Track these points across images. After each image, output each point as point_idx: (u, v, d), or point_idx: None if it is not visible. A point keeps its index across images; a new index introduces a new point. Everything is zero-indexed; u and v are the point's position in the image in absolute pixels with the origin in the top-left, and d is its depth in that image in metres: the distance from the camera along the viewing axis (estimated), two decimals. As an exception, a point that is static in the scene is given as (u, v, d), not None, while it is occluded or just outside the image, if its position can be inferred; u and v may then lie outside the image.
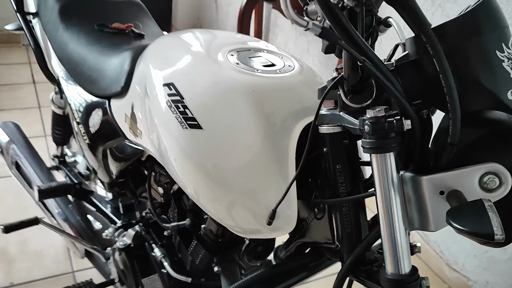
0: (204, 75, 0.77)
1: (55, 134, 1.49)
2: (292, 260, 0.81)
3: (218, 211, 0.75)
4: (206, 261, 0.95)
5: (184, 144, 0.72)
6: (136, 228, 1.12)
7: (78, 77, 1.19)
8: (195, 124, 0.72)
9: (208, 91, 0.74)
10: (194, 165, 0.72)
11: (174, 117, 0.74)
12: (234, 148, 0.70)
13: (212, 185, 0.72)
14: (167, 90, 0.78)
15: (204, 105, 0.73)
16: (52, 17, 1.28)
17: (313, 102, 0.77)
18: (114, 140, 1.04)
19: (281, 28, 2.86)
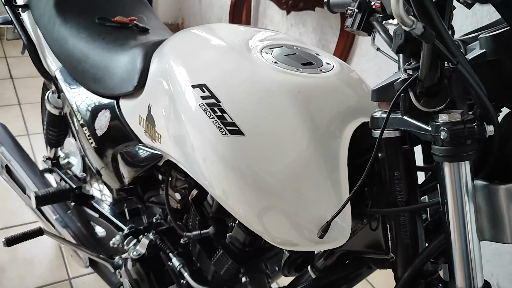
0: (241, 76, 0.70)
1: (49, 135, 1.39)
2: (334, 272, 0.76)
3: (256, 221, 0.69)
4: (232, 272, 0.89)
5: (224, 152, 0.66)
6: (149, 237, 1.05)
7: (80, 75, 1.10)
8: (236, 130, 0.65)
9: (248, 93, 0.68)
10: (234, 173, 0.66)
11: (211, 122, 0.67)
12: (280, 155, 0.64)
13: (254, 194, 0.66)
14: (199, 92, 0.71)
15: (245, 109, 0.67)
16: (46, 10, 1.19)
17: (359, 103, 0.72)
18: (126, 144, 0.97)
19: (271, 19, 2.79)
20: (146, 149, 0.92)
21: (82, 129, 1.08)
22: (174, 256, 1.01)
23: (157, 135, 0.85)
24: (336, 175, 0.64)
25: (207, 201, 0.92)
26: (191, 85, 0.73)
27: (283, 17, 2.68)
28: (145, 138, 0.90)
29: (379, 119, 0.62)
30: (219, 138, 0.66)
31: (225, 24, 0.95)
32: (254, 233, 0.83)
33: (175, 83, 0.77)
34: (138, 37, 1.12)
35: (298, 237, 0.67)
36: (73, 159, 1.60)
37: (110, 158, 1.02)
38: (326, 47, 2.38)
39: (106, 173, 1.07)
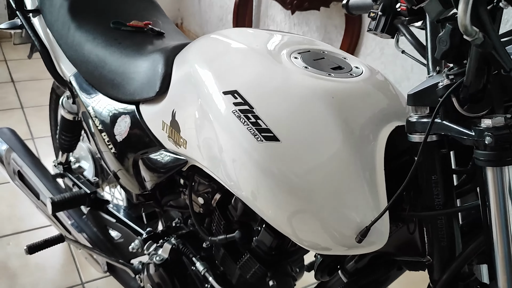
0: (273, 81, 0.70)
1: (62, 140, 1.38)
2: (365, 275, 0.77)
3: (289, 225, 0.69)
4: (259, 275, 0.89)
5: (260, 158, 0.66)
6: (171, 241, 1.05)
7: (96, 81, 1.10)
8: (271, 136, 0.65)
9: (282, 99, 0.68)
10: (269, 178, 0.66)
11: (246, 128, 0.67)
12: (317, 160, 0.64)
13: (289, 199, 0.66)
14: (231, 98, 0.71)
15: (279, 115, 0.67)
16: (60, 15, 1.18)
17: (390, 106, 0.73)
18: (148, 149, 0.97)
19: (272, 18, 2.79)
20: (170, 155, 0.92)
21: (101, 135, 1.08)
22: (197, 260, 1.01)
23: (182, 141, 0.85)
24: (373, 179, 0.64)
25: (231, 205, 0.92)
26: (222, 92, 0.72)
27: (285, 17, 2.68)
28: (169, 144, 0.90)
29: (416, 123, 0.62)
30: (254, 144, 0.66)
31: (246, 28, 0.95)
32: (281, 236, 0.84)
33: (203, 89, 0.77)
34: (155, 42, 1.12)
35: (333, 241, 0.67)
36: (84, 164, 1.60)
37: (131, 164, 1.02)
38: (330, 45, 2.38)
39: (126, 179, 1.06)
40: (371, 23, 0.87)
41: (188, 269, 1.03)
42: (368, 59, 2.18)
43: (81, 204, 1.29)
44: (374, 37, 2.17)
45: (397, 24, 0.83)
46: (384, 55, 2.09)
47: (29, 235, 1.80)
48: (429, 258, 0.66)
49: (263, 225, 0.85)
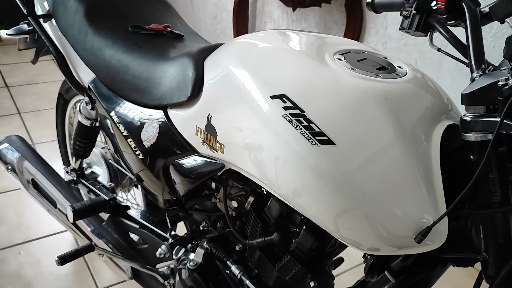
0: (323, 84, 0.70)
1: (77, 146, 1.36)
2: (413, 274, 0.77)
3: (340, 227, 0.69)
4: (299, 277, 0.89)
5: (315, 162, 0.66)
6: (204, 246, 1.04)
7: (119, 86, 1.08)
8: (325, 140, 0.65)
9: (334, 102, 0.68)
10: (324, 181, 0.66)
11: (299, 132, 0.67)
12: (373, 162, 0.65)
13: (344, 201, 0.66)
14: (279, 103, 0.70)
15: (332, 118, 0.67)
16: (76, 20, 1.16)
17: (439, 106, 0.73)
18: (179, 154, 0.96)
19: (270, 15, 2.78)
20: (204, 160, 0.91)
21: (126, 141, 1.06)
22: (232, 264, 1.00)
23: (219, 145, 0.85)
24: (430, 179, 0.64)
25: (267, 208, 0.91)
26: (269, 96, 0.72)
27: (283, 13, 2.68)
28: (203, 148, 0.89)
29: (471, 122, 0.62)
30: (309, 149, 0.66)
31: (278, 30, 0.94)
32: (321, 238, 0.84)
33: (247, 94, 0.76)
34: (176, 45, 1.11)
35: (383, 241, 0.67)
36: (97, 169, 1.58)
37: (161, 169, 1.01)
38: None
39: (154, 184, 1.05)
40: (403, 21, 0.87)
41: (222, 273, 1.02)
42: (371, 54, 2.19)
43: (101, 210, 1.27)
44: (376, 31, 2.18)
45: (432, 22, 0.83)
46: (387, 49, 2.11)
47: (39, 243, 1.77)
48: (485, 255, 0.67)
49: (303, 227, 0.85)
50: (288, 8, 2.61)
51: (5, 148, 1.49)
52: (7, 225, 1.83)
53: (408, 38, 1.99)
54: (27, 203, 1.95)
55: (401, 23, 0.87)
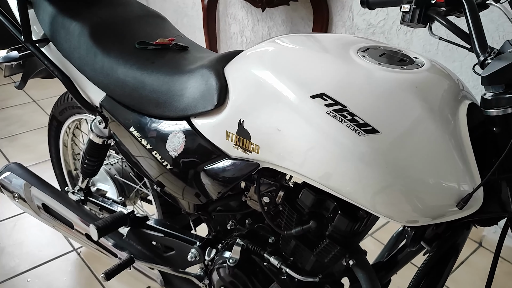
0: (358, 80, 0.78)
1: (86, 165, 1.38)
2: (446, 240, 0.87)
3: (385, 205, 0.77)
4: (338, 258, 0.97)
5: (364, 150, 0.74)
6: (239, 243, 1.10)
7: (136, 102, 1.12)
8: (370, 129, 0.74)
9: (372, 95, 0.76)
10: (372, 167, 0.74)
11: (345, 126, 0.75)
12: (413, 142, 0.73)
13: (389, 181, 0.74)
14: (320, 101, 0.78)
15: (372, 109, 0.75)
16: (82, 42, 1.18)
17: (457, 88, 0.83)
18: (210, 161, 1.01)
19: (233, 17, 2.85)
20: (238, 162, 0.97)
21: (151, 154, 1.11)
22: (269, 255, 1.07)
23: (254, 146, 0.91)
24: (463, 151, 0.74)
25: (300, 199, 0.99)
26: (309, 96, 0.79)
27: (247, 14, 2.75)
28: (235, 152, 0.96)
29: (492, 100, 0.73)
30: (357, 139, 0.74)
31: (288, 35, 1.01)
32: (355, 219, 0.93)
33: (283, 97, 0.83)
34: (185, 57, 1.16)
35: (420, 213, 0.76)
36: (102, 186, 1.59)
37: (191, 177, 1.06)
38: (299, 37, 2.48)
39: (187, 192, 1.10)
40: (404, 16, 0.96)
41: (259, 266, 1.09)
42: (340, 45, 2.30)
43: (122, 225, 1.30)
44: (343, 24, 2.30)
45: (432, 14, 0.93)
46: (356, 40, 2.22)
47: (45, 268, 1.76)
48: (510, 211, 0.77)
49: (338, 212, 0.93)
50: (252, 8, 2.68)
51: (7, 176, 1.48)
52: (9, 256, 1.81)
53: (375, 27, 2.12)
54: (24, 230, 1.93)
55: (402, 17, 0.97)
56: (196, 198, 1.09)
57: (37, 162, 2.37)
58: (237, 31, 2.88)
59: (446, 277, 0.85)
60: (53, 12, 1.24)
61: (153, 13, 1.33)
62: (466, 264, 1.86)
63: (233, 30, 2.90)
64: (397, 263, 1.03)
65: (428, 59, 0.86)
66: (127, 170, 1.58)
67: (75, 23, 1.20)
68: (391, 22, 2.05)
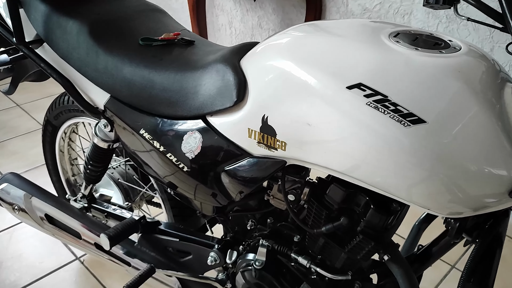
0: (397, 66, 0.73)
1: (90, 171, 1.31)
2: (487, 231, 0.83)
3: (430, 198, 0.73)
4: (371, 253, 0.93)
5: (411, 142, 0.69)
6: (264, 244, 1.06)
7: (145, 102, 1.05)
8: (416, 119, 0.69)
9: (412, 82, 0.71)
10: (419, 159, 0.70)
11: (388, 117, 0.70)
12: (463, 130, 0.69)
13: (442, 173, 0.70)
14: (358, 92, 0.73)
15: (416, 97, 0.70)
16: (80, 42, 1.11)
17: (496, 71, 0.79)
18: (231, 161, 0.96)
19: (221, 8, 2.77)
20: (262, 160, 0.92)
21: (165, 156, 1.04)
22: (297, 255, 1.03)
23: (280, 143, 0.86)
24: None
25: (328, 195, 0.94)
26: (345, 87, 0.74)
27: (235, 4, 2.68)
28: (259, 150, 0.90)
29: None
30: (402, 131, 0.70)
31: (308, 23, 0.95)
32: (389, 213, 0.89)
33: (315, 89, 0.77)
34: (194, 52, 1.09)
35: (476, 202, 0.72)
36: (106, 191, 1.53)
37: (211, 179, 1.00)
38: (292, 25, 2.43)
39: (204, 194, 1.04)
40: (428, -3, 0.92)
41: (286, 266, 1.05)
42: (335, 32, 2.26)
43: (134, 231, 1.24)
44: (337, 10, 2.25)
45: None
46: (351, 25, 2.18)
47: (49, 279, 1.69)
48: None
49: (371, 206, 0.89)
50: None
51: (4, 188, 1.40)
52: (8, 270, 1.73)
53: (371, 11, 2.08)
54: (21, 241, 1.85)
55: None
56: (216, 200, 1.04)
57: (28, 169, 2.27)
58: (225, 23, 2.80)
59: (496, 270, 0.81)
60: (47, 11, 1.16)
61: (152, 6, 1.26)
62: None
63: (221, 21, 2.82)
64: (431, 255, 0.99)
65: (462, 42, 0.82)
66: (131, 173, 1.51)
67: (72, 21, 1.12)
68: (387, 5, 2.01)
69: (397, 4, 1.96)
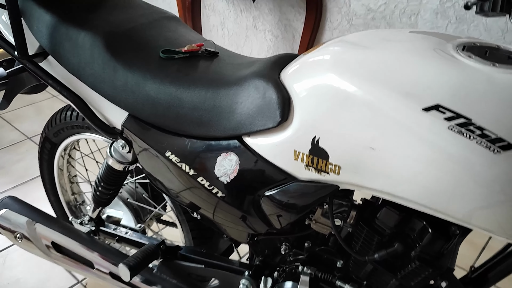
0: (478, 85, 0.66)
1: (101, 193, 1.20)
2: None
3: (490, 222, 0.67)
4: (428, 280, 0.87)
5: (500, 170, 0.63)
6: (306, 272, 0.98)
7: (172, 122, 0.96)
8: (506, 145, 0.62)
9: (499, 103, 0.65)
10: (503, 187, 0.64)
11: (475, 143, 0.63)
12: None
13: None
14: (437, 114, 0.66)
15: (504, 120, 0.64)
16: (95, 56, 1.00)
17: None
18: (273, 185, 0.88)
19: (212, 8, 2.67)
20: (310, 184, 0.84)
21: (197, 181, 0.95)
22: (343, 283, 0.96)
23: (332, 167, 0.79)
24: None
25: (379, 219, 0.88)
26: (421, 109, 0.67)
27: (228, 4, 2.58)
28: (307, 173, 0.83)
29: None
30: (491, 157, 0.63)
31: (359, 33, 0.88)
32: (448, 237, 0.83)
33: (384, 111, 0.70)
34: (221, 65, 1.00)
35: None
36: (114, 213, 1.42)
37: (249, 204, 0.92)
38: (290, 26, 2.35)
39: (240, 221, 0.96)
40: (484, 4, 0.86)
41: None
42: (336, 33, 2.20)
43: (154, 258, 1.14)
44: (339, 10, 2.18)
45: None
46: (354, 26, 2.12)
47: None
48: None
49: (428, 230, 0.83)
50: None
51: (3, 214, 1.27)
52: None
53: (375, 12, 2.02)
54: (16, 265, 1.72)
55: (480, 7, 0.86)
56: (253, 227, 0.96)
57: (15, 185, 2.13)
58: (217, 23, 2.70)
59: None
60: (53, 21, 1.05)
61: (167, 14, 1.16)
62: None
63: (213, 22, 2.72)
64: (486, 280, 0.94)
65: None
66: (141, 192, 1.41)
67: (84, 33, 1.01)
68: (392, 5, 1.95)
69: (403, 4, 1.91)
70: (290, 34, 2.37)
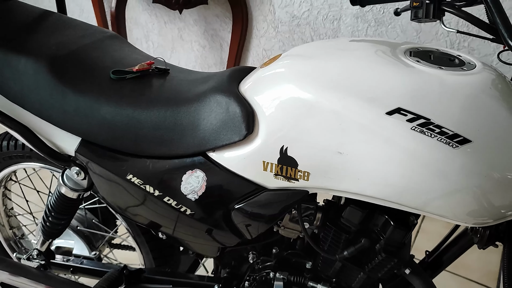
0: (431, 87, 0.73)
1: (52, 224, 1.13)
2: None
3: (463, 213, 0.75)
4: (394, 268, 0.94)
5: (460, 163, 0.69)
6: (279, 277, 1.00)
7: (131, 143, 0.94)
8: (462, 140, 0.70)
9: (450, 102, 0.71)
10: (472, 178, 0.70)
11: (436, 140, 0.70)
12: (504, 143, 0.71)
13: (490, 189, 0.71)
14: (399, 117, 0.71)
15: (458, 117, 0.71)
16: (40, 82, 0.95)
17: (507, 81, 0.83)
18: (242, 197, 0.89)
19: (135, 21, 2.61)
20: (280, 193, 0.87)
21: (163, 201, 0.94)
22: (315, 283, 1.00)
23: (302, 174, 0.82)
24: None
25: (344, 217, 0.93)
26: (384, 113, 0.72)
27: (151, 16, 2.54)
28: (276, 182, 0.85)
29: None
30: (451, 152, 0.69)
31: (314, 43, 0.92)
32: (408, 228, 0.90)
33: (350, 117, 0.74)
34: (175, 82, 1.00)
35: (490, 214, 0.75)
36: (63, 243, 1.35)
37: (220, 219, 0.93)
38: (216, 36, 2.37)
39: (210, 237, 0.96)
40: (418, 11, 0.94)
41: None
42: (263, 40, 2.25)
43: (118, 285, 1.11)
44: (265, 19, 2.24)
45: (446, 8, 0.92)
46: (280, 33, 2.19)
47: None
48: None
49: (391, 224, 0.89)
50: (157, 10, 2.49)
51: None
52: None
53: (299, 18, 2.10)
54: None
55: (414, 14, 0.94)
56: (223, 241, 0.96)
57: None
58: (140, 36, 2.65)
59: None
60: (-14, 48, 0.98)
61: (110, 34, 1.13)
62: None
63: (136, 35, 2.66)
64: (442, 263, 1.02)
65: (469, 57, 0.84)
66: (90, 217, 1.35)
67: (24, 59, 0.96)
68: (315, 12, 2.05)
69: (325, 10, 2.01)
70: (217, 44, 2.39)
